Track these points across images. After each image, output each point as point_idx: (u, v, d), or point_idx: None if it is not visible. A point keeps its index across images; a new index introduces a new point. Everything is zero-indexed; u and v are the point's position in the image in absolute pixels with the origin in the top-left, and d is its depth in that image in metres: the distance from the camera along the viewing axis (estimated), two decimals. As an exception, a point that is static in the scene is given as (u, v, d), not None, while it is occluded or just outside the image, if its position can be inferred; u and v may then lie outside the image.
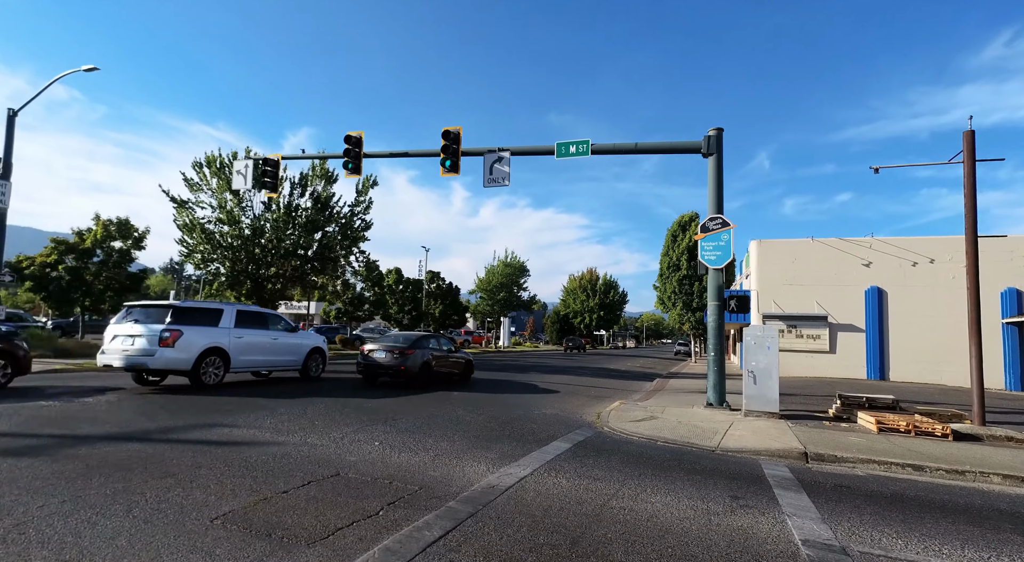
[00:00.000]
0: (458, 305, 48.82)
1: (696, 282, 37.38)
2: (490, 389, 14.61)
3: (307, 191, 23.79)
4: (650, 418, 10.21)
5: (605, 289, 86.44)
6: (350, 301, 33.98)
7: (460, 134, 13.78)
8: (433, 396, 12.26)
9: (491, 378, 17.98)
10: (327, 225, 24.31)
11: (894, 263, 21.35)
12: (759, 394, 10.21)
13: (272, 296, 24.73)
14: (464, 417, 9.47)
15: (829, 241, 22.38)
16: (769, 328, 10.35)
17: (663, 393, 15.49)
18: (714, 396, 11.53)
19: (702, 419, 10.09)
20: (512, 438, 7.78)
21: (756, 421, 9.83)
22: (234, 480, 4.98)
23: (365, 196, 25.66)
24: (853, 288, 21.73)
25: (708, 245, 11.90)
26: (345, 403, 10.45)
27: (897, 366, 20.93)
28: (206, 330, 11.75)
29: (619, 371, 25.87)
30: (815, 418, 10.59)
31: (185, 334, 11.21)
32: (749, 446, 7.77)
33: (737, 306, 11.81)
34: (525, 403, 12.00)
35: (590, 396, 14.40)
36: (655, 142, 12.69)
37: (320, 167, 24.29)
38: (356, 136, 14.63)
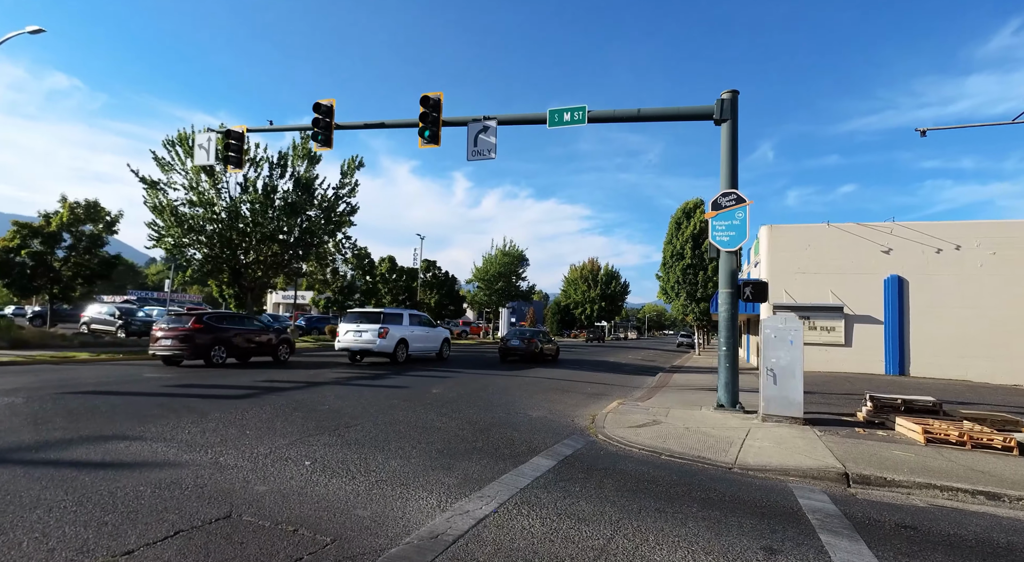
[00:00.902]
0: (455, 295, 47.44)
1: (701, 271, 35.84)
2: (475, 385, 13.24)
3: (287, 172, 22.28)
4: (652, 423, 8.79)
5: (607, 280, 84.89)
6: (339, 290, 32.59)
7: (441, 101, 12.26)
8: (407, 394, 10.87)
9: (480, 372, 16.61)
10: (309, 209, 22.82)
11: (916, 250, 19.80)
12: (780, 396, 8.78)
13: (253, 284, 23.33)
14: (434, 422, 8.07)
15: (846, 226, 20.83)
16: (792, 318, 8.90)
17: (667, 390, 14.08)
18: (726, 397, 10.11)
19: (713, 425, 8.67)
20: (484, 452, 6.37)
21: (777, 428, 8.40)
22: (72, 528, 3.57)
23: (350, 178, 24.15)
24: (871, 277, 20.21)
25: (720, 225, 10.41)
26: (301, 402, 9.06)
27: (918, 361, 19.47)
28: (398, 327, 18.19)
29: (619, 364, 24.48)
30: (844, 423, 9.16)
31: (390, 331, 17.60)
32: (774, 463, 6.34)
33: (753, 294, 10.35)
34: (510, 403, 10.60)
35: (586, 394, 13.00)
36: (661, 108, 11.16)
37: (302, 147, 22.76)
38: (326, 104, 13.11)
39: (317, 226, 23.14)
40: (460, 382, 13.85)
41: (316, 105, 12.95)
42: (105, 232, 23.33)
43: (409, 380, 13.67)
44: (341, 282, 32.93)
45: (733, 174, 10.48)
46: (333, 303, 33.03)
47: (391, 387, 12.15)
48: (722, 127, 10.60)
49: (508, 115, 12.26)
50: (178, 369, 14.03)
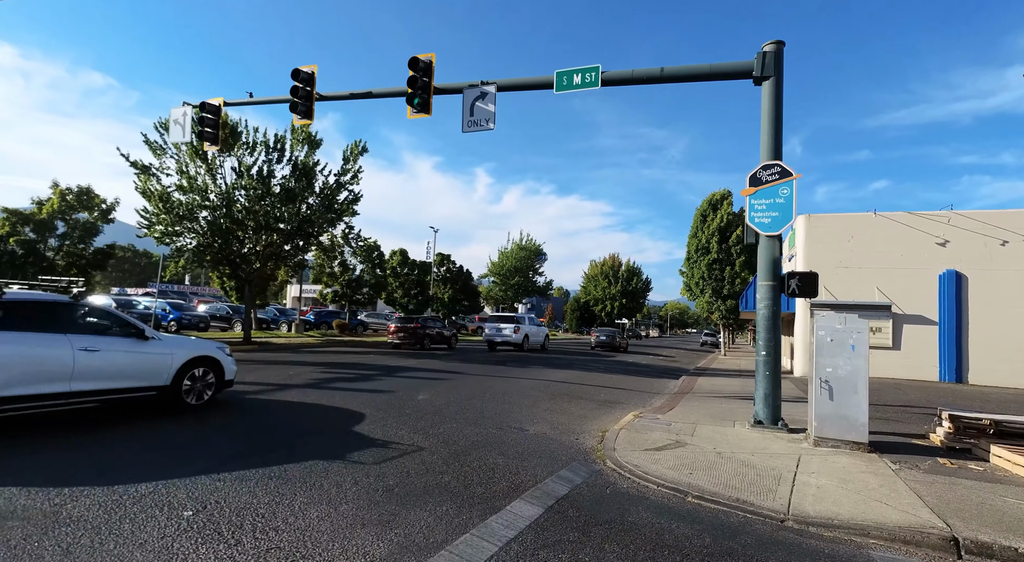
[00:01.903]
0: (470, 290, 46.02)
1: (728, 267, 33.70)
2: (472, 389, 11.70)
3: (285, 157, 20.99)
4: (675, 444, 7.11)
5: (628, 276, 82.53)
6: (347, 283, 31.42)
7: (432, 64, 10.69)
8: (385, 401, 9.37)
9: (482, 372, 15.06)
10: (308, 196, 21.52)
11: (978, 242, 17.55)
12: (837, 414, 7.00)
13: (251, 276, 22.17)
14: (400, 444, 6.53)
15: (895, 215, 18.65)
16: (853, 318, 7.11)
17: (691, 398, 12.32)
18: (765, 411, 8.35)
19: (752, 449, 6.95)
20: (450, 491, 4.80)
21: (835, 456, 6.64)
22: None
23: (353, 164, 22.77)
24: (924, 272, 18.03)
25: (760, 204, 8.63)
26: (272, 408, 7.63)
27: (978, 367, 17.26)
28: (523, 326, 25.92)
29: (638, 366, 22.68)
30: (918, 450, 7.34)
31: (521, 328, 25.65)
32: (844, 514, 4.64)
33: (800, 287, 8.55)
34: (505, 414, 9.01)
35: (598, 401, 11.34)
36: (688, 66, 9.38)
37: (302, 130, 21.45)
38: (307, 72, 11.65)
39: (317, 214, 21.83)
40: (456, 385, 12.31)
41: (295, 72, 11.50)
42: (101, 220, 22.42)
43: (400, 383, 12.19)
44: (349, 275, 31.73)
45: (776, 143, 8.68)
46: (341, 296, 31.90)
47: (370, 392, 10.67)
48: (763, 86, 8.79)
49: (509, 79, 10.62)
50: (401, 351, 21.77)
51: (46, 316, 6.58)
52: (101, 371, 6.83)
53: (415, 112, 10.72)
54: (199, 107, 12.72)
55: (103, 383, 6.86)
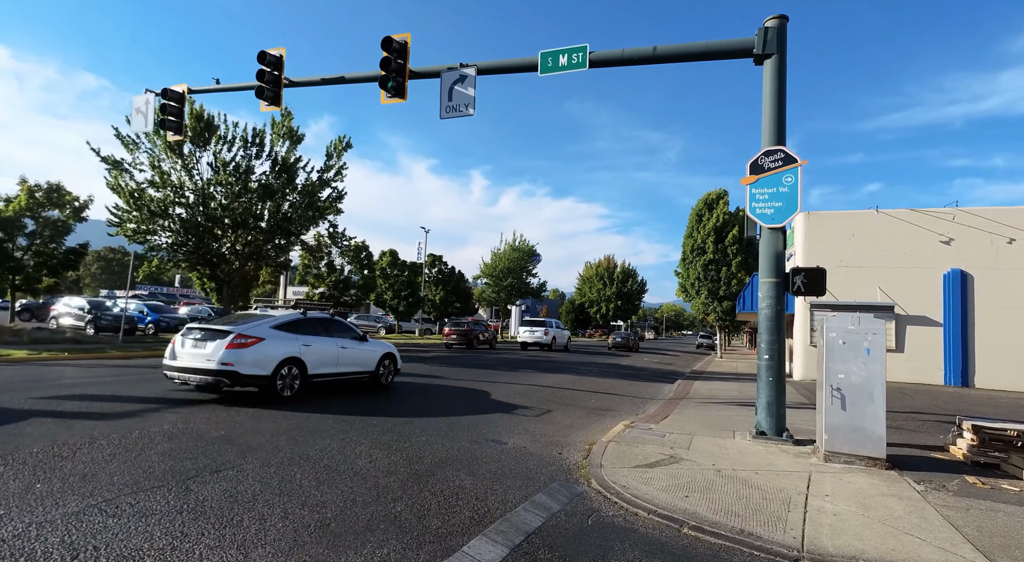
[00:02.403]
0: (461, 291, 45.19)
1: (724, 267, 33.02)
2: (452, 394, 10.90)
3: (265, 152, 20.16)
4: (669, 460, 6.34)
5: (623, 277, 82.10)
6: (334, 285, 30.55)
7: (408, 45, 9.91)
8: (354, 408, 8.57)
9: (464, 377, 14.26)
10: (290, 193, 20.68)
11: (984, 240, 16.90)
12: (850, 426, 6.24)
13: (231, 277, 21.30)
14: (356, 460, 5.73)
15: (897, 213, 17.98)
16: (869, 318, 6.35)
17: (687, 404, 11.56)
18: (768, 421, 7.58)
19: (756, 465, 6.18)
20: (399, 525, 4.00)
21: (851, 475, 5.87)
22: None
23: (336, 160, 21.97)
24: (928, 271, 17.36)
25: (761, 193, 7.88)
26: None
27: (985, 370, 16.59)
28: (552, 329, 29.84)
29: (632, 369, 21.92)
30: (940, 465, 6.59)
31: (548, 331, 29.48)
32: (869, 551, 3.87)
33: (806, 285, 7.81)
34: (485, 423, 8.22)
35: (587, 409, 10.56)
36: (683, 44, 8.65)
37: (283, 124, 20.64)
38: (275, 55, 10.85)
39: (298, 212, 20.99)
40: (437, 390, 11.51)
41: (261, 55, 10.69)
42: (73, 218, 21.49)
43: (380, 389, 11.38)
44: (337, 276, 30.87)
45: (779, 127, 7.94)
46: (328, 298, 31.04)
47: (353, 398, 9.86)
48: (765, 65, 8.05)
49: (491, 62, 9.85)
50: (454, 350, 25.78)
51: (324, 326, 10.53)
52: (349, 360, 10.67)
53: (389, 97, 9.93)
54: (161, 94, 11.90)
55: (349, 368, 10.73)
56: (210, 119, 18.83)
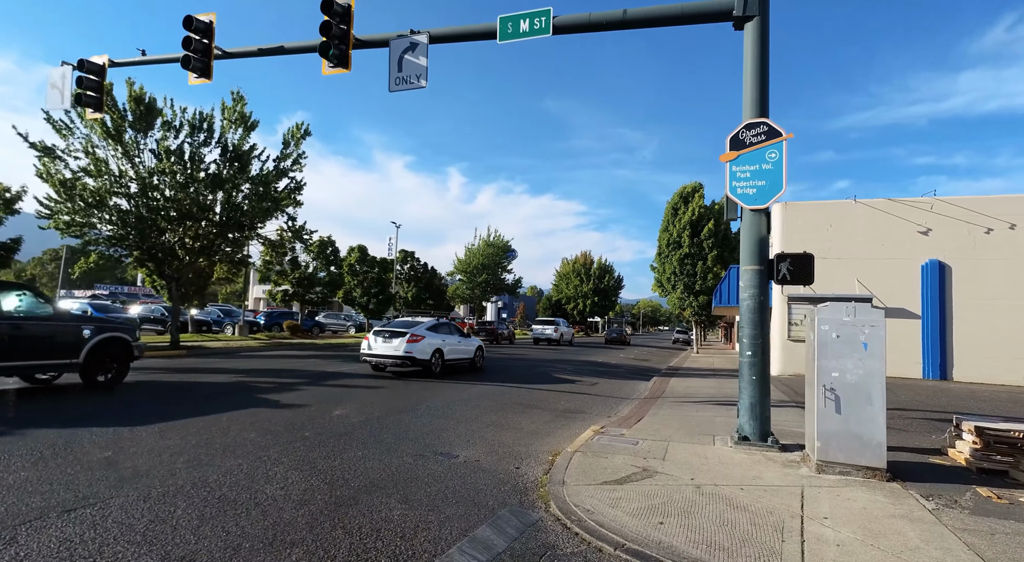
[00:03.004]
0: (435, 288, 44.05)
1: (700, 261, 32.58)
2: (406, 400, 9.90)
3: (214, 138, 18.77)
4: (642, 473, 5.49)
5: (600, 273, 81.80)
6: (298, 281, 29.14)
7: (351, 9, 8.85)
8: (291, 418, 7.53)
9: (437, 378, 13.25)
10: (242, 182, 19.33)
11: (962, 230, 16.57)
12: (846, 432, 5.47)
13: (180, 272, 19.86)
14: (266, 485, 4.72)
15: (875, 202, 17.55)
16: (865, 308, 5.59)
17: (662, 404, 10.78)
18: (752, 425, 6.79)
19: (740, 479, 5.36)
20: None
21: (849, 489, 5.09)
22: None
23: (294, 148, 20.67)
24: (906, 262, 16.98)
25: (743, 171, 7.08)
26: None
27: (964, 363, 16.27)
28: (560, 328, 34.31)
29: (607, 366, 21.19)
30: (943, 473, 5.88)
31: (558, 328, 34.18)
32: (890, 602, 3.04)
33: (792, 272, 7.04)
34: (435, 434, 7.27)
35: (556, 411, 9.68)
36: (657, 7, 7.79)
37: (234, 109, 19.26)
38: (204, 21, 9.66)
39: (253, 204, 19.64)
40: (389, 394, 10.50)
41: (187, 21, 9.49)
42: (4, 211, 19.77)
43: (320, 394, 10.32)
44: (300, 273, 29.44)
45: (762, 97, 7.14)
46: (292, 296, 29.63)
47: (277, 407, 8.79)
48: (745, 29, 7.24)
49: (444, 29, 8.85)
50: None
51: (448, 328, 15.21)
52: (461, 350, 15.03)
53: (331, 66, 8.87)
54: (77, 66, 10.59)
55: (462, 356, 15.10)
56: (152, 102, 17.38)
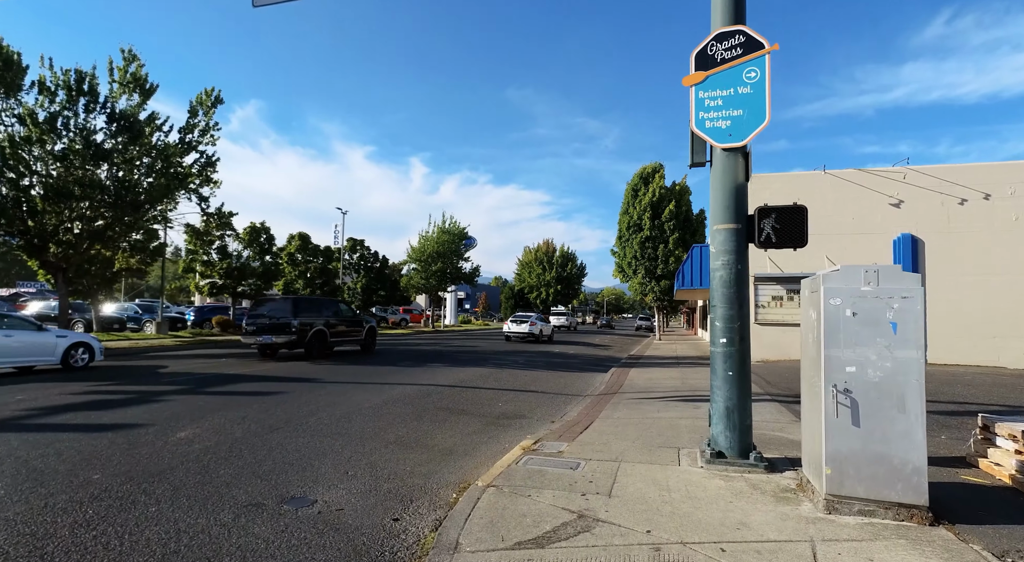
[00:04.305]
0: (386, 278, 41.52)
1: (661, 245, 31.28)
2: (295, 407, 7.81)
3: (99, 103, 15.95)
4: (577, 526, 3.64)
5: (562, 261, 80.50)
6: (227, 272, 26.28)
7: None
8: (109, 444, 5.40)
9: (356, 376, 11.15)
10: (138, 156, 16.58)
11: (935, 201, 15.49)
12: (868, 452, 3.75)
13: (70, 261, 17.01)
14: None
15: (845, 173, 16.30)
16: (893, 272, 3.89)
17: (618, 402, 9.06)
18: (729, 436, 5.06)
19: (718, 528, 3.59)
20: None
21: (884, 547, 3.37)
22: None
23: (204, 118, 18.01)
24: (878, 237, 15.80)
25: (713, 98, 5.29)
26: None
27: (938, 343, 15.20)
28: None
29: (563, 356, 19.50)
30: (993, 500, 4.27)
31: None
32: None
33: (778, 231, 5.33)
34: (307, 459, 5.27)
35: (487, 417, 7.80)
36: None
37: (125, 69, 16.46)
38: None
39: (155, 180, 16.91)
40: (282, 402, 8.38)
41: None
42: None
43: (185, 406, 8.12)
44: (229, 264, 26.58)
45: (737, -2, 5.35)
46: (222, 288, 26.79)
47: (112, 429, 6.60)
48: (714, -92, 5.43)
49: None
50: None
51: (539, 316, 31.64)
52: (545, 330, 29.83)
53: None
54: None
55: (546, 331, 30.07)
56: (10, 56, 14.45)
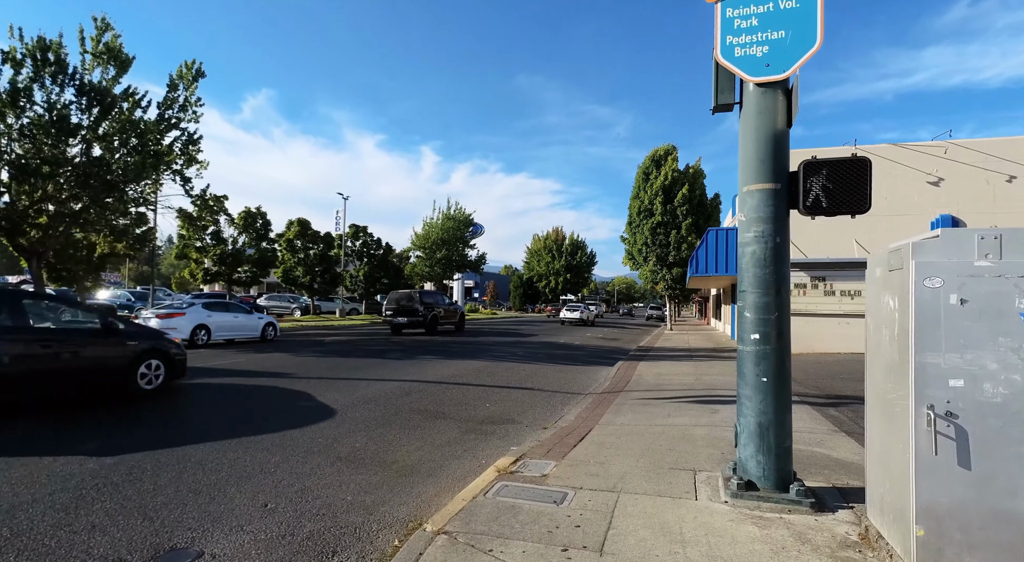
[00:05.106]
0: (389, 266, 40.55)
1: (673, 230, 29.84)
2: (245, 409, 6.72)
3: (69, 75, 14.90)
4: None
5: (572, 250, 79.21)
6: (221, 259, 25.38)
7: None
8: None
9: (337, 364, 10.07)
10: (112, 133, 15.55)
11: (978, 179, 13.99)
12: (986, 508, 2.55)
13: (43, 246, 16.12)
14: None
15: (878, 149, 14.82)
16: (1019, 234, 2.66)
17: (623, 403, 7.87)
18: (762, 461, 3.86)
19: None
20: None
21: None
22: None
23: (185, 93, 16.92)
24: (914, 218, 14.37)
25: (744, 18, 4.03)
26: None
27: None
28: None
29: (568, 347, 18.32)
30: None
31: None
32: None
33: (832, 193, 4.06)
34: (222, 484, 4.15)
35: (468, 422, 6.65)
36: None
37: (97, 39, 15.38)
38: None
39: (131, 158, 15.88)
40: (230, 403, 7.30)
41: None
42: None
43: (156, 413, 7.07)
44: (223, 248, 25.66)
45: None
46: (217, 275, 25.88)
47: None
48: None
49: None
50: None
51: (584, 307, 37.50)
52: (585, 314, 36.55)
53: None
54: None
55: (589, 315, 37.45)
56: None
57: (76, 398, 7.24)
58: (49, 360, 6.62)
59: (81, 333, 7.26)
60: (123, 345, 7.45)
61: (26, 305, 6.77)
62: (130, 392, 7.49)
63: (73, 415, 6.40)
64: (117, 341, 7.40)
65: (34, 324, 6.81)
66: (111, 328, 7.39)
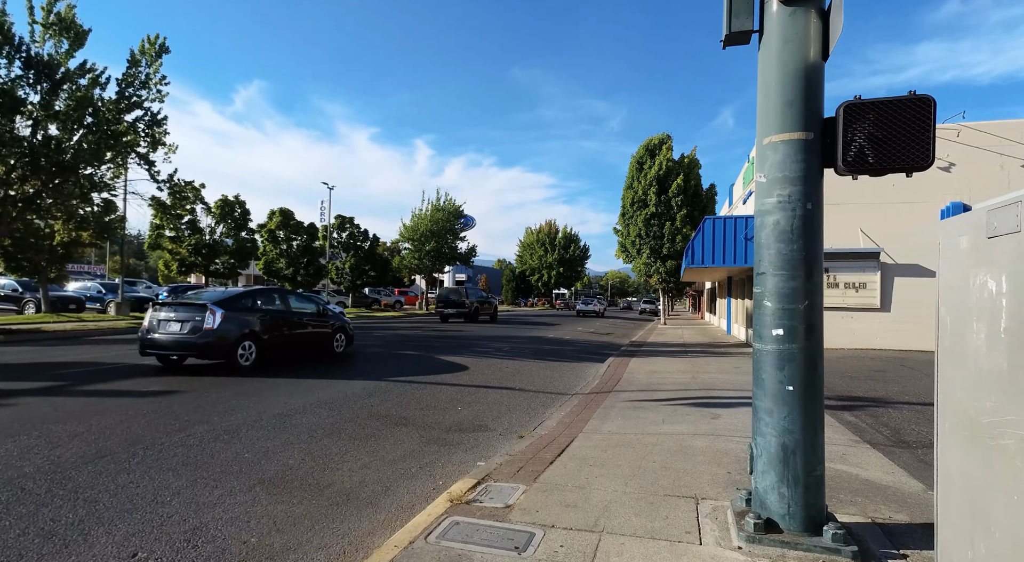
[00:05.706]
0: (376, 258, 39.48)
1: (667, 222, 28.94)
2: (165, 420, 5.78)
3: (15, 47, 13.74)
4: None
5: (565, 243, 78.29)
6: (195, 249, 24.25)
7: None
8: None
9: (302, 372, 9.13)
10: (72, 114, 14.40)
11: (992, 163, 13.17)
12: None
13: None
14: None
15: (885, 132, 14.02)
16: None
17: (612, 405, 6.97)
18: (785, 493, 2.98)
19: None
20: None
21: None
22: None
23: (147, 69, 15.78)
24: (923, 206, 13.53)
25: (769, -83, 3.06)
26: None
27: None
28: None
29: (557, 342, 17.43)
30: None
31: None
32: None
33: (878, 149, 3.18)
34: (127, 506, 3.16)
35: (433, 430, 5.71)
36: None
37: (48, 10, 14.21)
38: None
39: (87, 138, 14.74)
40: (159, 408, 6.34)
41: None
42: None
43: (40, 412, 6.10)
44: (199, 238, 24.54)
45: None
46: (192, 265, 24.76)
47: None
48: None
49: None
50: None
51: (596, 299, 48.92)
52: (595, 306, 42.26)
53: None
54: None
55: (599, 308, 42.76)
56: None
57: (312, 356, 10.96)
58: (301, 331, 10.60)
59: (310, 315, 11.00)
60: (328, 324, 11.27)
61: (290, 298, 10.89)
62: (331, 354, 11.30)
63: (315, 365, 9.94)
64: (326, 321, 11.24)
65: (294, 309, 10.69)
66: (323, 312, 11.34)
